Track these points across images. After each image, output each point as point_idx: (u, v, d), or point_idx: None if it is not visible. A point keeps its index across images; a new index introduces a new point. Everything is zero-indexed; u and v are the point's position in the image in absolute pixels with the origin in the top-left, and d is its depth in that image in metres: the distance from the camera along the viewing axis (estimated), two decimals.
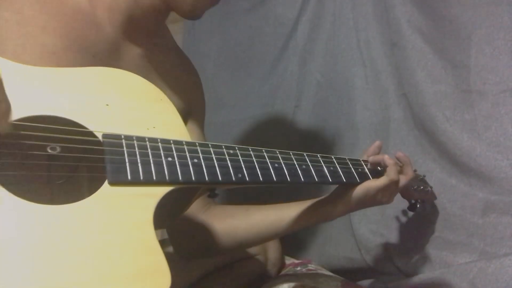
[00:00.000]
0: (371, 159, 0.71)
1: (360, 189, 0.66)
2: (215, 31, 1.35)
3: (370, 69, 1.06)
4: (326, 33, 1.13)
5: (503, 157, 0.85)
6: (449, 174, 0.92)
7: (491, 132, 0.87)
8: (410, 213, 0.96)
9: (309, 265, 1.04)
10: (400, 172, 0.73)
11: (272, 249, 0.98)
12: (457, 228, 0.89)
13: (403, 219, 0.98)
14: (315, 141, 1.14)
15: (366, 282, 0.99)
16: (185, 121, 0.57)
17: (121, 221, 0.43)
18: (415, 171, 0.86)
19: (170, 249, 0.78)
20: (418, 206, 0.84)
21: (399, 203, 0.96)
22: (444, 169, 0.93)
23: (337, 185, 0.70)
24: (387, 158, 0.69)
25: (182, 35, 1.39)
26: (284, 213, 0.73)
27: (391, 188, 0.69)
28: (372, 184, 0.67)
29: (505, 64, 0.87)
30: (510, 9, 0.87)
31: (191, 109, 0.75)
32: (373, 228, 1.01)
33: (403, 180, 0.72)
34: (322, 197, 0.72)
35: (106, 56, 0.60)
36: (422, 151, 0.97)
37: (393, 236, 0.98)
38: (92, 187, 0.44)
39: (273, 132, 1.21)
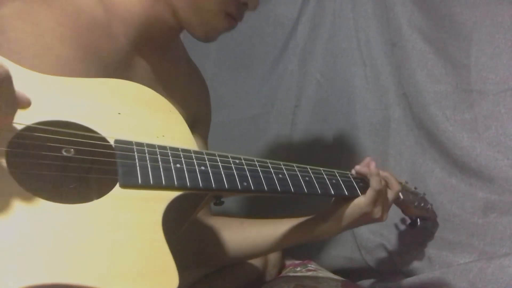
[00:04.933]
0: (357, 168, 0.70)
1: (351, 207, 0.67)
2: None
3: (370, 69, 1.06)
4: (326, 33, 1.13)
5: (503, 157, 0.85)
6: (449, 174, 0.92)
7: (491, 131, 0.87)
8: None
9: (309, 265, 1.03)
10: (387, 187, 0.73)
11: None
12: (457, 228, 0.89)
13: (403, 219, 0.98)
14: (315, 141, 1.14)
15: (366, 282, 0.99)
16: (190, 131, 0.58)
17: (131, 222, 0.44)
18: (415, 188, 0.86)
19: None
20: (419, 223, 0.85)
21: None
22: (444, 169, 0.93)
23: (332, 202, 0.70)
24: (371, 168, 0.68)
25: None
26: (278, 229, 0.73)
27: (380, 201, 0.69)
28: (361, 199, 0.67)
29: (505, 64, 0.87)
30: (511, 8, 0.87)
31: (197, 121, 0.76)
32: (373, 228, 1.01)
33: (390, 194, 0.72)
34: (316, 215, 0.72)
35: (118, 67, 0.61)
36: (422, 151, 0.97)
37: (393, 236, 0.98)
38: (102, 191, 0.45)
39: (273, 132, 1.21)
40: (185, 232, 0.73)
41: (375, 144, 1.03)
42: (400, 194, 0.76)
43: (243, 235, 0.76)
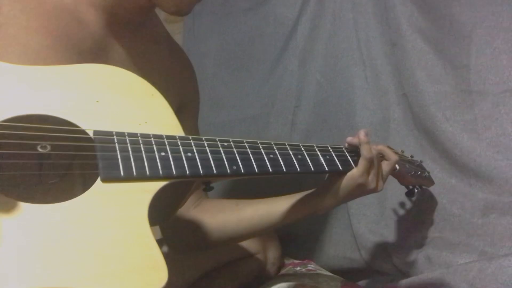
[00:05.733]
0: (348, 139, 0.70)
1: (345, 179, 0.66)
2: (215, 31, 1.35)
3: (370, 69, 1.05)
4: (326, 33, 1.13)
5: (503, 157, 0.85)
6: (449, 174, 0.92)
7: (491, 132, 0.87)
8: (410, 210, 0.96)
9: (309, 265, 1.03)
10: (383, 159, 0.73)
11: (272, 248, 0.98)
12: (457, 228, 0.89)
13: (403, 218, 0.98)
14: (315, 141, 1.14)
15: (365, 282, 0.99)
16: (178, 113, 0.56)
17: (115, 217, 0.42)
18: (411, 157, 0.86)
19: (165, 249, 0.78)
20: (416, 191, 0.84)
21: (398, 201, 0.96)
22: (444, 169, 0.93)
23: (327, 177, 0.70)
24: (361, 137, 0.68)
25: (182, 35, 1.39)
26: (274, 207, 0.73)
27: (372, 170, 0.68)
28: (354, 171, 0.66)
29: (505, 64, 0.87)
30: (510, 9, 0.87)
31: (184, 101, 0.74)
32: (373, 228, 1.01)
33: (387, 165, 0.72)
34: (311, 190, 0.72)
35: (92, 53, 0.59)
36: (422, 151, 0.97)
37: (392, 236, 0.98)
38: (86, 186, 0.43)
39: (273, 132, 1.21)
40: (180, 219, 0.74)
41: (375, 144, 1.03)
42: (396, 165, 0.76)
43: (239, 216, 0.75)
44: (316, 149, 0.64)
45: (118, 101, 0.51)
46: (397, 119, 1.02)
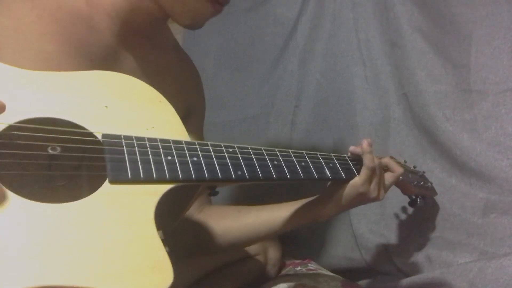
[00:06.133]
0: (351, 149, 0.70)
1: (347, 188, 0.67)
2: (215, 31, 1.35)
3: (370, 69, 1.06)
4: (326, 33, 1.13)
5: (503, 157, 0.85)
6: (449, 174, 0.92)
7: (491, 132, 0.87)
8: (410, 210, 0.96)
9: (309, 265, 1.03)
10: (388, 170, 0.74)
11: (272, 249, 0.98)
12: (457, 228, 0.89)
13: (403, 218, 0.98)
14: (315, 141, 1.14)
15: (366, 282, 0.99)
16: (185, 119, 0.57)
17: (122, 219, 0.43)
18: (414, 167, 0.86)
19: (167, 249, 0.78)
20: (418, 201, 0.84)
21: (399, 202, 0.96)
22: (444, 169, 0.93)
23: (329, 184, 0.70)
24: (364, 146, 0.68)
25: (182, 35, 1.39)
26: (275, 214, 0.73)
27: (374, 179, 0.68)
28: (356, 179, 0.67)
29: (505, 64, 0.87)
30: (510, 9, 0.87)
31: (190, 110, 0.75)
32: (373, 228, 1.01)
33: (392, 177, 0.73)
34: (313, 197, 0.72)
35: (104, 62, 0.60)
36: (422, 151, 0.97)
37: (393, 236, 0.98)
38: (93, 188, 0.44)
39: (273, 132, 1.21)
40: (182, 224, 0.74)
41: (375, 144, 1.02)
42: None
43: (241, 223, 0.76)
44: (320, 157, 0.65)
45: (126, 107, 0.53)
46: (397, 119, 1.02)
